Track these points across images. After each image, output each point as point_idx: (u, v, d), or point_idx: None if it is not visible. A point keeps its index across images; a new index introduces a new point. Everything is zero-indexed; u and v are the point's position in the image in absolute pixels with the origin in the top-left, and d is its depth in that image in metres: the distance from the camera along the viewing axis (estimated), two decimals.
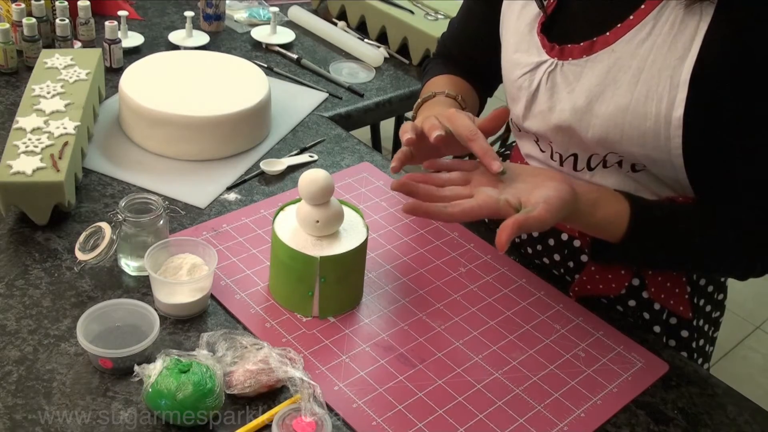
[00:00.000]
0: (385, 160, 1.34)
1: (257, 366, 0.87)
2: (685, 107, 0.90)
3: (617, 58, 0.95)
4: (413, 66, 1.69)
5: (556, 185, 0.88)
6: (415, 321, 1.02)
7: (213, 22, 1.70)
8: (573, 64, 0.99)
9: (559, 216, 0.87)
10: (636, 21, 0.93)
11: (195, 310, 0.98)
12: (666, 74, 0.91)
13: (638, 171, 0.99)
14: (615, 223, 0.95)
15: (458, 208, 0.85)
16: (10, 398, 0.85)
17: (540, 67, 1.02)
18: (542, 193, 0.87)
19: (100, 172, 1.22)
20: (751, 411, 0.98)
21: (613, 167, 1.01)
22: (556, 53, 1.01)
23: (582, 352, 1.01)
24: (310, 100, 1.49)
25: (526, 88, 1.04)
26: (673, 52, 0.91)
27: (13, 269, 1.02)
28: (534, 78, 1.03)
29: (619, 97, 0.94)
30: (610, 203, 0.95)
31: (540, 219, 0.85)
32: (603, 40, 0.96)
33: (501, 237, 0.82)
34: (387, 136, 2.49)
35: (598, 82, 0.96)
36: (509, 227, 0.82)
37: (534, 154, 1.12)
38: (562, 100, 1.00)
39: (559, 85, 1.01)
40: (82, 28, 1.52)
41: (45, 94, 1.22)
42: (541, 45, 1.02)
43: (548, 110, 1.02)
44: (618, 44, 0.95)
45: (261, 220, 1.15)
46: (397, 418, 0.89)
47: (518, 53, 1.05)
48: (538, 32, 1.03)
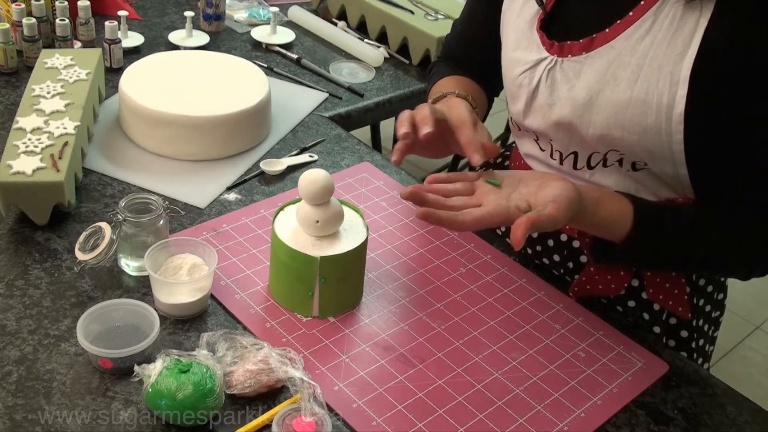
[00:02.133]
0: (385, 160, 1.34)
1: (257, 366, 0.87)
2: (685, 103, 0.90)
3: (617, 55, 0.95)
4: (413, 66, 1.69)
5: (560, 184, 0.89)
6: (415, 321, 1.02)
7: (213, 22, 1.70)
8: (573, 61, 0.99)
9: (568, 214, 0.87)
10: (635, 17, 0.93)
11: (195, 310, 0.98)
12: (666, 70, 0.91)
13: (638, 170, 0.99)
14: (619, 221, 0.94)
15: (469, 216, 0.86)
16: (10, 398, 0.85)
17: (540, 64, 1.02)
18: (549, 192, 0.87)
19: (100, 172, 1.22)
20: (751, 411, 0.98)
21: (614, 166, 1.01)
22: (556, 50, 1.01)
23: (582, 352, 1.01)
24: (310, 100, 1.49)
25: (526, 85, 1.04)
26: (673, 48, 0.91)
27: (13, 269, 1.02)
28: (534, 75, 1.03)
29: (620, 94, 0.94)
30: (613, 202, 0.95)
31: (551, 216, 0.85)
32: (602, 36, 0.96)
33: (516, 234, 0.82)
34: (387, 136, 2.49)
35: (597, 78, 0.96)
36: (523, 224, 0.82)
37: (533, 153, 1.12)
38: (562, 96, 1.00)
39: (559, 81, 1.01)
40: (82, 28, 1.52)
41: (45, 94, 1.22)
42: (541, 42, 1.02)
43: (548, 107, 1.02)
44: (617, 41, 0.95)
45: (261, 220, 1.15)
46: (397, 418, 0.89)
47: (518, 51, 1.05)
48: (537, 29, 1.03)
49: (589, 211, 0.92)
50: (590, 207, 0.92)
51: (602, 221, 0.94)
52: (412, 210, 1.22)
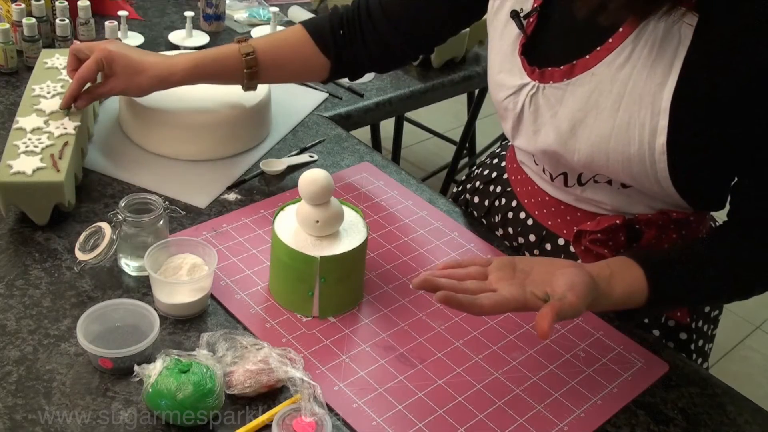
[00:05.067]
0: (385, 160, 1.34)
1: (257, 366, 0.87)
2: (667, 134, 0.89)
3: (598, 82, 0.94)
4: (413, 66, 1.69)
5: (572, 271, 0.87)
6: (415, 321, 1.02)
7: (213, 22, 1.70)
8: (554, 88, 0.98)
9: (587, 300, 0.86)
10: (615, 44, 0.92)
11: (195, 310, 0.98)
12: (647, 101, 0.90)
13: (628, 187, 0.99)
14: (636, 293, 0.92)
15: (489, 301, 0.84)
16: (10, 398, 0.85)
17: (523, 89, 1.01)
18: (564, 281, 0.86)
19: (100, 172, 1.22)
20: (751, 411, 0.98)
21: (604, 184, 1.01)
22: (537, 76, 1.00)
23: (582, 352, 1.01)
24: (310, 100, 1.49)
25: (511, 109, 1.04)
26: (652, 77, 0.89)
27: (13, 269, 1.02)
28: (518, 100, 1.02)
29: (602, 122, 0.94)
30: (624, 274, 0.92)
31: (573, 305, 0.84)
32: (583, 63, 0.95)
33: (542, 326, 0.81)
34: (387, 136, 2.49)
35: (579, 107, 0.96)
36: (548, 314, 0.81)
37: (528, 163, 1.12)
38: (546, 123, 1.00)
39: (542, 107, 1.00)
40: (82, 28, 1.52)
41: (45, 94, 1.22)
42: (522, 67, 1.01)
43: (533, 134, 1.02)
44: (598, 67, 0.94)
45: (261, 220, 1.15)
46: (397, 418, 0.89)
47: (502, 74, 1.05)
48: (519, 54, 1.02)
49: (605, 294, 0.90)
50: (605, 289, 0.90)
51: (619, 299, 0.91)
52: (412, 210, 1.22)
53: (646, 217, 1.01)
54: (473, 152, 2.76)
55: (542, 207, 1.12)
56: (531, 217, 1.14)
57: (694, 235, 1.04)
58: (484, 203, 1.25)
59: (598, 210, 1.05)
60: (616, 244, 1.01)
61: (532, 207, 1.14)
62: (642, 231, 1.01)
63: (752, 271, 0.97)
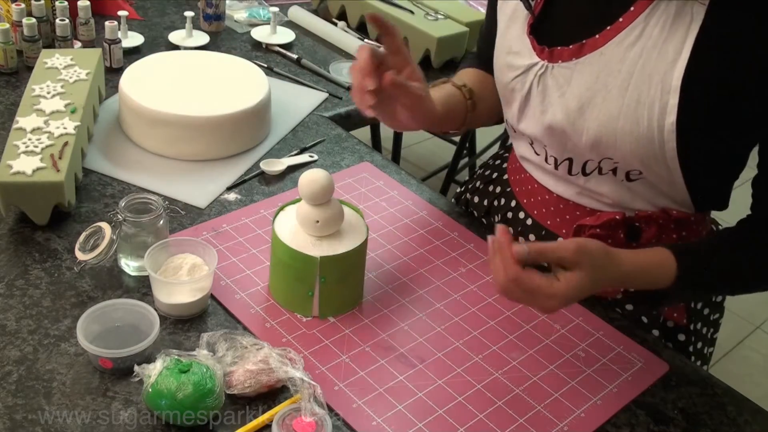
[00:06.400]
0: (385, 160, 1.34)
1: (257, 366, 0.87)
2: (677, 113, 0.90)
3: (606, 62, 0.94)
4: None
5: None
6: (415, 321, 1.02)
7: (213, 22, 1.70)
8: (563, 67, 0.98)
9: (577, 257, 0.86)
10: (625, 23, 0.92)
11: (195, 310, 0.98)
12: (657, 79, 0.90)
13: (633, 180, 0.99)
14: (655, 267, 0.93)
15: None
16: (10, 398, 0.85)
17: (531, 69, 1.02)
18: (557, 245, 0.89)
19: (100, 172, 1.22)
20: (751, 411, 0.98)
21: (608, 174, 1.01)
22: (546, 56, 1.00)
23: (582, 352, 1.01)
24: (310, 100, 1.49)
25: (518, 90, 1.04)
26: (663, 56, 0.90)
27: (13, 269, 1.02)
28: (526, 80, 1.03)
29: (611, 102, 0.94)
30: (638, 251, 0.94)
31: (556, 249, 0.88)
32: (592, 42, 0.95)
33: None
34: (387, 136, 2.49)
35: (588, 86, 0.96)
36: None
37: (529, 156, 1.11)
38: (554, 103, 1.00)
39: (550, 87, 1.00)
40: (82, 28, 1.52)
41: (45, 94, 1.22)
42: (531, 47, 1.02)
43: (541, 113, 1.02)
44: (607, 47, 0.94)
45: (261, 220, 1.15)
46: (397, 418, 0.89)
47: (510, 55, 1.05)
48: (527, 34, 1.03)
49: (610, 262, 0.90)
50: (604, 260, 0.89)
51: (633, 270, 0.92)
52: (412, 210, 1.22)
53: (646, 214, 1.01)
54: (473, 152, 2.77)
55: (542, 206, 1.12)
56: (530, 217, 1.14)
57: (694, 235, 1.04)
58: (484, 203, 1.25)
59: (598, 205, 1.05)
60: (615, 241, 1.01)
61: (531, 207, 1.14)
62: (641, 229, 1.01)
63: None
